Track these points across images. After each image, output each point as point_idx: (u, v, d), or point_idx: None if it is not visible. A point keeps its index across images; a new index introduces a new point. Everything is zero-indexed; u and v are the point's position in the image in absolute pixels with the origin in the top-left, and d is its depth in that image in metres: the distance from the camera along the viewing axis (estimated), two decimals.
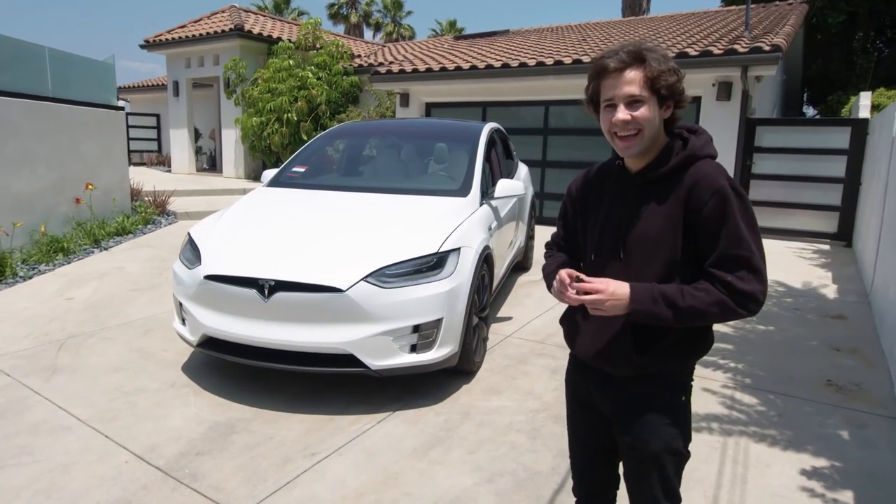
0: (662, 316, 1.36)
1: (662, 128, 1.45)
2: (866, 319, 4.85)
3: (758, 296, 1.35)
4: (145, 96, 19.34)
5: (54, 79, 7.02)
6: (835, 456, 2.78)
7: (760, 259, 1.36)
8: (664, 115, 1.42)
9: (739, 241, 1.35)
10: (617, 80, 1.39)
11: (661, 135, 1.45)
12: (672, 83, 1.39)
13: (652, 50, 1.40)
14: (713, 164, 1.42)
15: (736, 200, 1.36)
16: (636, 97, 1.38)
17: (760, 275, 1.35)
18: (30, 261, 5.92)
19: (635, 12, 20.47)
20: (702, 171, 1.40)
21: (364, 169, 4.97)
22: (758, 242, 1.37)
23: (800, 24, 10.01)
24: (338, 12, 36.61)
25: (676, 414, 1.51)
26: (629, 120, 1.39)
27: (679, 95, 1.42)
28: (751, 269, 1.34)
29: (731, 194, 1.36)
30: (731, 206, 1.36)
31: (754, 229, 1.37)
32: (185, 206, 8.99)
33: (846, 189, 7.91)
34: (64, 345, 4.01)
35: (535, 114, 9.65)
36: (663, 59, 1.39)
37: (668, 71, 1.39)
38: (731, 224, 1.35)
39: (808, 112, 19.34)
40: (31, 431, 2.90)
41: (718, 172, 1.40)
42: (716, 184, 1.37)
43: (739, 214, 1.35)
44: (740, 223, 1.35)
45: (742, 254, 1.34)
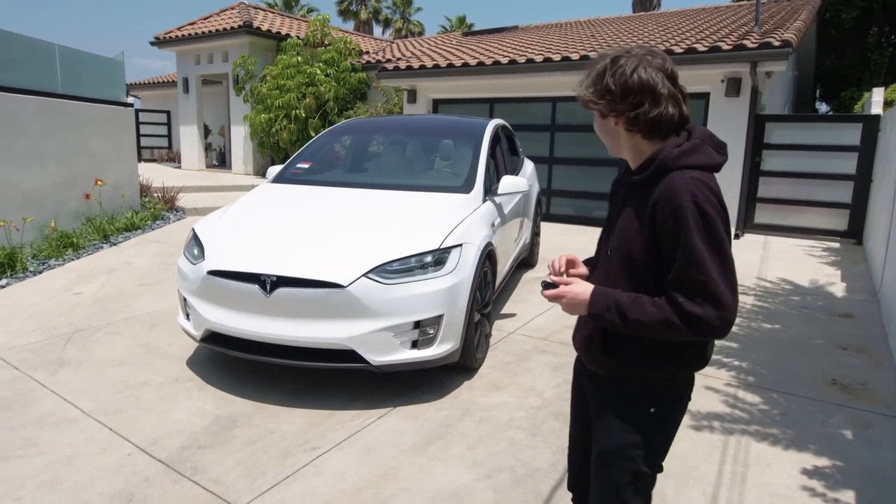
0: (614, 324, 1.38)
1: (630, 137, 1.43)
2: (874, 318, 4.80)
3: (709, 321, 1.29)
4: (156, 93, 19.50)
5: (64, 76, 7.10)
6: (837, 455, 2.76)
7: (722, 283, 1.28)
8: (613, 125, 1.44)
9: (692, 264, 1.29)
10: None
11: (627, 142, 1.45)
12: (587, 101, 1.44)
13: (596, 63, 1.44)
14: (684, 177, 1.34)
15: (695, 220, 1.29)
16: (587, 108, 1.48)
17: (717, 300, 1.28)
18: (40, 256, 5.99)
19: (646, 8, 20.32)
20: (667, 186, 1.35)
21: (368, 165, 4.98)
22: (720, 265, 1.29)
23: (812, 19, 9.89)
24: (347, 9, 36.64)
25: (639, 423, 1.46)
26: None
27: (607, 111, 1.42)
28: (705, 295, 1.28)
29: (689, 214, 1.30)
30: (688, 227, 1.29)
31: (716, 251, 1.29)
32: (194, 202, 9.06)
33: (857, 186, 7.82)
34: (71, 339, 4.06)
35: (543, 110, 9.61)
36: (594, 78, 1.42)
37: (591, 92, 1.42)
38: (685, 246, 1.30)
39: (821, 108, 19.13)
40: (38, 423, 2.95)
41: (683, 188, 1.32)
42: (675, 202, 1.32)
43: (697, 235, 1.29)
44: (697, 245, 1.29)
45: (696, 277, 1.29)
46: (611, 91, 1.39)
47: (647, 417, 1.46)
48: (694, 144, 1.38)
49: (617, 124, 1.43)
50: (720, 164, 1.41)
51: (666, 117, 1.37)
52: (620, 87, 1.37)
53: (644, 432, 1.46)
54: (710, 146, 1.40)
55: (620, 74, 1.38)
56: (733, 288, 1.30)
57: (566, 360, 3.82)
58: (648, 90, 1.36)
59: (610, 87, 1.39)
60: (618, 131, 1.44)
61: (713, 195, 1.32)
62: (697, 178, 1.33)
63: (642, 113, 1.37)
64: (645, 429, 1.47)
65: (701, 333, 1.31)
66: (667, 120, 1.38)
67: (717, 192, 1.35)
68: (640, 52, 1.40)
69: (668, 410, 1.48)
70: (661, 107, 1.37)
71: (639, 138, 1.42)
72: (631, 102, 1.37)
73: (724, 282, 1.29)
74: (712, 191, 1.33)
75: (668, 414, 1.48)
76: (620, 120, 1.41)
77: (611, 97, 1.39)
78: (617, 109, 1.39)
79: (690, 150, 1.37)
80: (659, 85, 1.36)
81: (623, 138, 1.45)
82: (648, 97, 1.36)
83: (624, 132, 1.43)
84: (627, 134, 1.43)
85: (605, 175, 9.06)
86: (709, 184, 1.34)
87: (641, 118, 1.38)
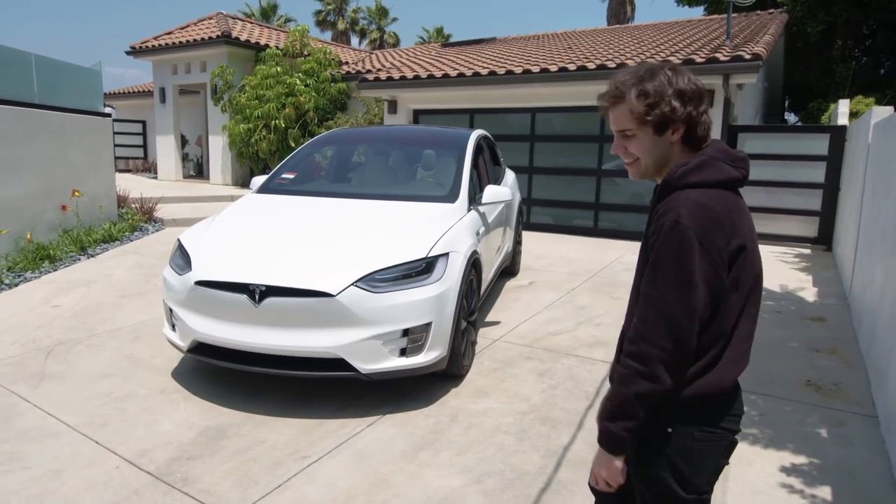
0: (612, 429, 1.36)
1: (677, 149, 1.39)
2: (845, 321, 4.97)
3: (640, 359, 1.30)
4: (131, 102, 19.24)
5: (41, 85, 6.99)
6: (814, 453, 2.87)
7: (666, 309, 1.27)
8: (672, 138, 1.36)
9: (652, 279, 1.30)
10: (612, 114, 1.41)
11: (672, 157, 1.39)
12: (664, 112, 1.33)
13: (646, 78, 1.35)
14: (683, 197, 1.30)
15: (668, 240, 1.27)
16: (625, 131, 1.39)
17: (663, 322, 1.27)
18: (15, 268, 5.88)
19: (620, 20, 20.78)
20: (665, 206, 1.32)
21: (353, 175, 5.01)
22: (675, 294, 1.26)
23: (780, 33, 10.23)
24: (325, 19, 36.75)
25: (657, 445, 1.38)
26: (622, 152, 1.43)
27: (684, 119, 1.34)
28: (653, 315, 1.29)
29: (666, 233, 1.27)
30: (661, 245, 1.28)
31: (676, 275, 1.26)
32: (173, 213, 8.97)
33: (826, 194, 8.09)
34: (52, 352, 4.00)
35: (522, 121, 9.75)
36: (656, 89, 1.33)
37: (660, 101, 1.32)
38: (652, 261, 1.30)
39: (790, 119, 19.69)
40: (21, 438, 2.90)
41: (673, 208, 1.29)
42: (661, 221, 1.30)
43: (664, 255, 1.27)
44: (662, 263, 1.28)
45: (651, 293, 1.30)
46: (691, 99, 1.34)
47: (663, 437, 1.39)
48: (700, 161, 1.33)
49: (675, 134, 1.36)
50: (736, 179, 1.35)
51: (710, 121, 1.40)
52: (696, 93, 1.35)
53: (667, 453, 1.38)
54: (722, 161, 1.34)
55: (690, 81, 1.35)
56: (687, 313, 1.27)
57: (551, 366, 3.89)
58: (705, 94, 1.38)
59: (689, 94, 1.34)
60: (671, 147, 1.38)
61: (707, 217, 1.27)
62: (693, 199, 1.28)
63: (707, 119, 1.37)
64: (665, 450, 1.38)
65: (645, 361, 1.30)
66: (710, 124, 1.40)
67: (719, 212, 1.28)
68: (673, 64, 1.41)
69: (682, 429, 1.38)
70: (706, 110, 1.38)
71: (686, 152, 1.39)
72: (703, 108, 1.36)
73: (679, 307, 1.26)
74: (708, 212, 1.27)
75: (687, 435, 1.38)
76: (682, 130, 1.36)
77: (691, 105, 1.34)
78: (692, 118, 1.34)
79: (694, 167, 1.33)
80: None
81: (675, 154, 1.39)
82: (708, 101, 1.38)
83: (678, 146, 1.38)
84: (680, 147, 1.38)
85: (584, 184, 9.22)
86: (706, 205, 1.28)
87: (706, 125, 1.37)
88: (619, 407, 1.34)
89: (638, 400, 1.31)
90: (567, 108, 9.21)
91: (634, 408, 1.32)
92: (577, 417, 3.19)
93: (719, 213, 1.28)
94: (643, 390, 1.30)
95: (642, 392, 1.31)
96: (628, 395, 1.32)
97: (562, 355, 4.09)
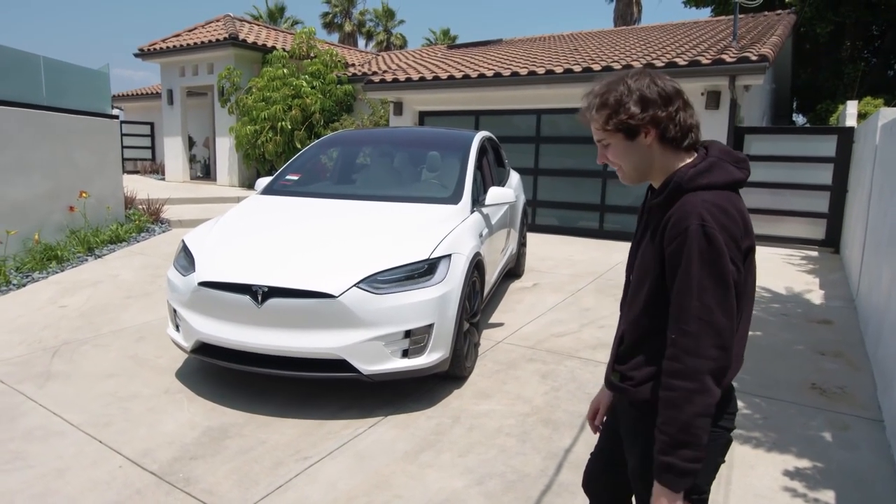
0: (675, 463, 1.26)
1: (658, 152, 1.39)
2: (852, 324, 4.93)
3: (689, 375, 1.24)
4: (139, 104, 19.39)
5: (49, 87, 7.06)
6: (817, 457, 2.85)
7: (718, 311, 1.24)
8: (646, 142, 1.37)
9: (688, 291, 1.26)
10: (591, 126, 1.45)
11: (657, 160, 1.39)
12: (623, 120, 1.34)
13: (607, 90, 1.37)
14: (699, 199, 1.28)
15: (699, 246, 1.25)
16: (601, 141, 1.43)
17: (709, 328, 1.24)
18: (23, 269, 5.93)
19: (627, 22, 20.72)
20: (680, 209, 1.30)
21: (357, 177, 5.03)
22: (715, 294, 1.24)
23: (787, 34, 10.17)
24: (332, 21, 36.84)
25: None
26: (604, 161, 1.45)
27: (651, 123, 1.35)
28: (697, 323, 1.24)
29: (694, 237, 1.25)
30: (690, 252, 1.25)
31: (715, 279, 1.24)
32: (179, 214, 9.02)
33: (833, 196, 8.04)
34: (58, 351, 4.03)
35: (528, 122, 9.75)
36: (614, 101, 1.35)
37: (619, 108, 1.34)
38: (684, 269, 1.26)
39: (798, 120, 19.58)
40: (25, 437, 2.93)
41: (693, 211, 1.27)
42: (683, 224, 1.27)
43: (698, 261, 1.24)
44: (695, 271, 1.25)
45: (688, 304, 1.26)
46: (653, 102, 1.35)
47: None
48: (709, 163, 1.34)
49: (648, 138, 1.37)
50: (741, 181, 1.36)
51: (696, 123, 1.39)
52: (661, 95, 1.35)
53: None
54: (727, 162, 1.35)
55: (653, 84, 1.36)
56: (730, 319, 1.26)
57: (554, 368, 3.88)
58: (681, 95, 1.38)
59: (651, 98, 1.35)
60: (650, 151, 1.39)
61: (727, 218, 1.27)
62: (710, 202, 1.27)
63: (681, 119, 1.36)
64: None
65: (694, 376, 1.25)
66: (696, 126, 1.39)
67: (734, 213, 1.28)
68: (640, 70, 1.41)
69: None
70: (689, 112, 1.38)
71: (669, 154, 1.39)
72: (673, 109, 1.35)
73: (720, 311, 1.25)
74: (726, 213, 1.27)
75: None
76: (654, 134, 1.36)
77: (654, 108, 1.34)
78: (659, 120, 1.34)
79: (705, 169, 1.33)
80: (683, 92, 1.39)
81: (656, 156, 1.39)
82: (681, 102, 1.37)
83: (657, 149, 1.38)
84: (661, 150, 1.38)
85: (590, 186, 9.20)
86: (723, 206, 1.28)
87: (681, 125, 1.36)
88: (678, 434, 1.24)
89: (699, 421, 1.24)
90: (573, 110, 9.15)
91: (697, 431, 1.24)
92: (580, 419, 3.18)
93: (734, 214, 1.29)
94: (701, 409, 1.24)
95: (700, 411, 1.24)
96: (686, 418, 1.24)
97: (565, 357, 4.08)
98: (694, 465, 1.25)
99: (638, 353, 1.43)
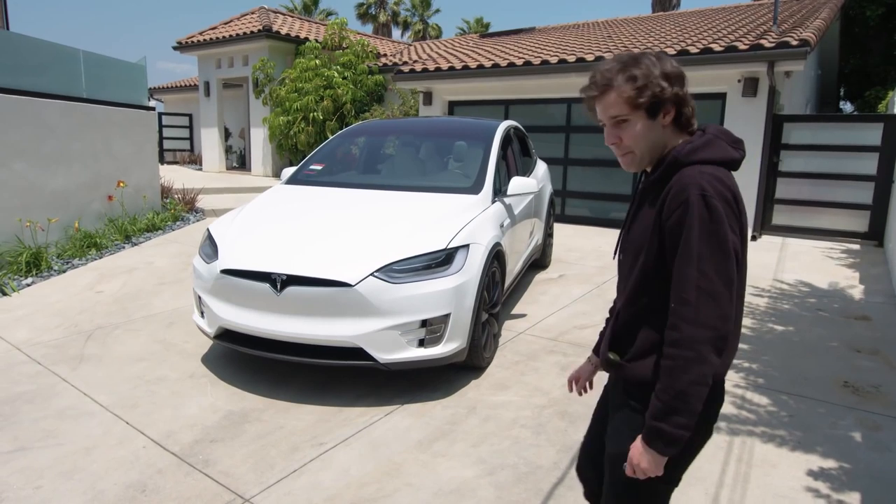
0: (665, 428, 1.27)
1: (668, 133, 1.38)
2: (892, 320, 4.73)
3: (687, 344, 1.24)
4: (178, 96, 19.87)
5: (88, 80, 7.29)
6: (844, 458, 2.74)
7: (717, 279, 1.23)
8: (663, 122, 1.36)
9: (689, 258, 1.25)
10: (601, 104, 1.38)
11: (665, 141, 1.38)
12: (655, 93, 1.32)
13: (631, 64, 1.34)
14: (697, 171, 1.29)
15: (700, 215, 1.24)
16: (619, 117, 1.37)
17: (710, 296, 1.23)
18: (64, 255, 6.17)
19: (665, 7, 20.15)
20: (679, 180, 1.30)
21: (379, 167, 5.05)
22: (717, 262, 1.24)
23: (833, 17, 9.74)
24: (366, 12, 36.96)
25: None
26: (617, 143, 1.40)
27: (672, 100, 1.34)
28: (697, 292, 1.23)
29: (694, 206, 1.25)
30: (691, 221, 1.25)
31: (716, 247, 1.24)
32: (213, 204, 9.23)
33: (878, 187, 7.69)
34: (92, 335, 4.19)
35: (558, 111, 9.61)
36: (643, 73, 1.33)
37: (649, 83, 1.32)
38: (686, 239, 1.26)
39: (845, 108, 18.77)
40: (58, 416, 3.06)
41: (692, 182, 1.27)
42: (683, 195, 1.27)
43: (699, 229, 1.24)
44: (696, 239, 1.24)
45: (689, 272, 1.25)
46: (677, 78, 1.35)
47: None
48: (706, 140, 1.34)
49: (667, 118, 1.36)
50: (736, 160, 1.36)
51: (694, 104, 1.40)
52: (679, 74, 1.36)
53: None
54: (724, 141, 1.36)
55: (671, 63, 1.36)
56: (729, 287, 1.25)
57: (574, 360, 3.84)
58: (685, 76, 1.38)
59: (675, 74, 1.34)
60: (664, 132, 1.38)
61: (726, 189, 1.27)
62: (709, 173, 1.28)
63: (689, 98, 1.37)
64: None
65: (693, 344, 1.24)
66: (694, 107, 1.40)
67: (732, 186, 1.29)
68: (642, 52, 1.41)
69: None
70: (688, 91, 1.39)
71: (677, 137, 1.39)
72: (687, 89, 1.37)
73: (719, 280, 1.24)
74: (725, 185, 1.27)
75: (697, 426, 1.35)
76: (672, 113, 1.36)
77: (678, 85, 1.35)
78: (680, 98, 1.35)
79: (702, 145, 1.34)
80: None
81: (668, 137, 1.38)
82: (685, 83, 1.38)
83: (670, 130, 1.38)
84: (672, 131, 1.38)
85: (621, 176, 9.02)
86: (721, 178, 1.28)
87: (690, 104, 1.37)
88: (673, 401, 1.25)
89: (693, 389, 1.24)
90: None
91: (690, 400, 1.24)
92: None
93: (733, 187, 1.30)
94: (697, 377, 1.24)
95: (696, 379, 1.24)
96: (681, 386, 1.24)
97: (586, 350, 4.02)
98: (684, 433, 1.26)
99: (633, 330, 1.42)
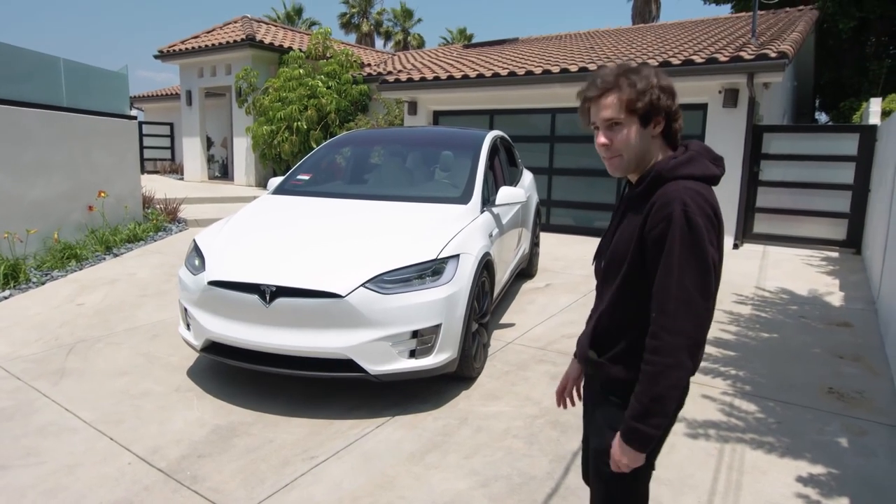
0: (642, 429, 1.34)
1: (656, 145, 1.44)
2: (872, 327, 4.82)
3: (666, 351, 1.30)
4: (159, 105, 19.67)
5: (69, 89, 7.18)
6: (832, 463, 2.78)
7: (694, 290, 1.29)
8: (653, 132, 1.41)
9: (670, 270, 1.31)
10: (597, 106, 1.43)
11: (652, 152, 1.44)
12: (652, 101, 1.38)
13: (633, 72, 1.40)
14: (681, 186, 1.34)
15: (682, 229, 1.29)
16: (613, 120, 1.41)
17: (687, 306, 1.29)
18: (43, 267, 6.04)
19: (645, 20, 20.52)
20: (663, 195, 1.35)
21: (367, 176, 5.03)
22: (696, 276, 1.30)
23: (809, 30, 9.97)
24: (349, 21, 37.00)
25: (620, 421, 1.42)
26: (608, 145, 1.44)
27: (665, 111, 1.41)
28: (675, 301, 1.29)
29: (677, 221, 1.30)
30: (673, 234, 1.30)
31: (696, 260, 1.29)
32: (196, 214, 9.13)
33: (855, 196, 7.86)
34: (73, 349, 4.10)
35: (542, 121, 9.69)
36: (643, 80, 1.38)
37: (648, 91, 1.38)
38: (667, 251, 1.31)
39: (820, 118, 19.19)
40: (39, 433, 2.97)
41: (675, 197, 1.32)
42: (666, 210, 1.32)
43: (680, 243, 1.29)
44: (677, 252, 1.30)
45: (669, 282, 1.30)
46: (671, 92, 1.41)
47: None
48: (689, 156, 1.39)
49: (657, 128, 1.42)
50: (717, 177, 1.41)
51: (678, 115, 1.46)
52: (672, 88, 1.42)
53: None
54: (706, 158, 1.41)
55: (664, 77, 1.42)
56: (706, 299, 1.32)
57: (564, 369, 3.83)
58: (676, 93, 1.45)
59: (669, 88, 1.41)
60: (652, 142, 1.44)
61: (707, 205, 1.32)
62: (691, 188, 1.33)
63: (680, 114, 1.44)
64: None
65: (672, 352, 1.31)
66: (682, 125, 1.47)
67: (712, 201, 1.34)
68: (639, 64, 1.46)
69: None
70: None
71: (662, 148, 1.46)
72: (676, 104, 1.43)
73: (697, 292, 1.30)
74: (706, 200, 1.32)
75: None
76: (662, 124, 1.43)
77: (672, 98, 1.42)
78: (672, 111, 1.42)
79: (685, 161, 1.39)
80: None
81: (654, 148, 1.44)
82: (676, 99, 1.44)
83: (658, 140, 1.44)
84: (660, 142, 1.45)
85: (604, 185, 9.12)
86: (703, 193, 1.33)
87: (679, 120, 1.45)
88: (651, 404, 1.33)
89: (671, 393, 1.32)
90: None
91: (667, 403, 1.33)
92: None
93: (713, 203, 1.36)
94: (674, 381, 1.32)
95: (674, 384, 1.32)
96: (660, 390, 1.32)
97: None
98: (658, 432, 1.35)
99: (615, 333, 1.48)
